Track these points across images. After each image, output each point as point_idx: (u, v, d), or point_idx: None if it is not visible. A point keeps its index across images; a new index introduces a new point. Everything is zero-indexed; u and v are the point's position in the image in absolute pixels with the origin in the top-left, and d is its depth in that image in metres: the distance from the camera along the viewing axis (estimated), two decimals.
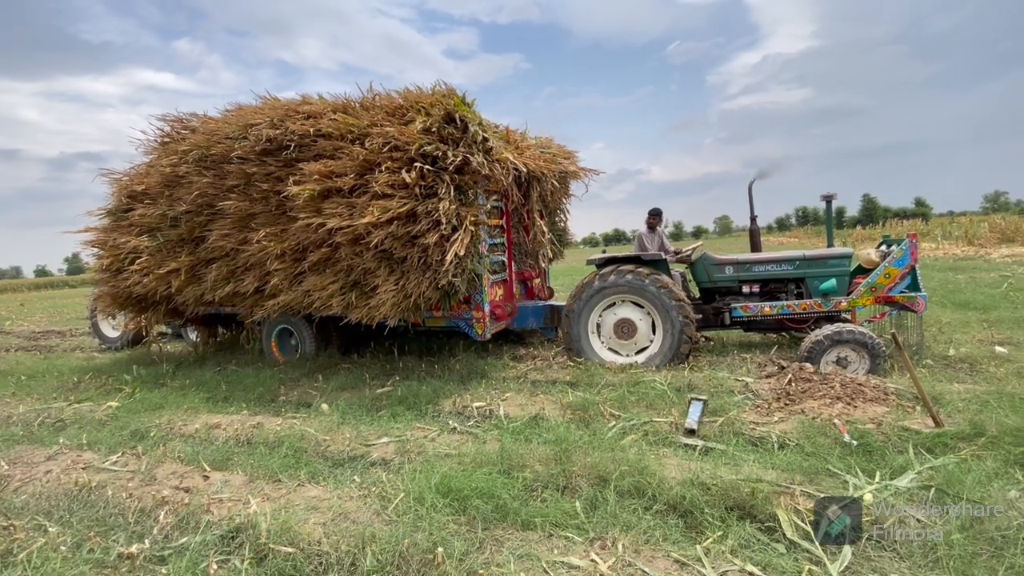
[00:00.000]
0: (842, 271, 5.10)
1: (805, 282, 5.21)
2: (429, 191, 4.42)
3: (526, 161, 5.13)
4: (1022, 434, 2.84)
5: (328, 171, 4.61)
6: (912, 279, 4.78)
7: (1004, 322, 5.91)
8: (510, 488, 2.67)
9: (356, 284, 4.78)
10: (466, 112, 4.55)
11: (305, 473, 3.11)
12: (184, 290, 5.79)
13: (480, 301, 5.01)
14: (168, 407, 4.63)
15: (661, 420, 3.56)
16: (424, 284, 4.44)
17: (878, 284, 4.79)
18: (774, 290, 5.40)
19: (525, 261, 6.24)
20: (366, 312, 4.72)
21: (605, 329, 5.15)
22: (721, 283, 5.45)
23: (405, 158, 4.45)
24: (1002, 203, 72.71)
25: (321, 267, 4.91)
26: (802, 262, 5.20)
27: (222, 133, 5.41)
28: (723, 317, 5.29)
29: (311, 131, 4.85)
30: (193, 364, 6.49)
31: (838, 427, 3.18)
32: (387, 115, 4.77)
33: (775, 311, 5.09)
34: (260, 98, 5.74)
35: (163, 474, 3.23)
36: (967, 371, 4.37)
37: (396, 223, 4.33)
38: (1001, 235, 16.92)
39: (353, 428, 3.81)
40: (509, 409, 4.02)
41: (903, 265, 4.74)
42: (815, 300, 5.00)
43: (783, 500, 2.45)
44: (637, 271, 4.97)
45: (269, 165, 5.08)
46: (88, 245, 6.51)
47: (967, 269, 11.11)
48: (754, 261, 5.35)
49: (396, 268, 4.57)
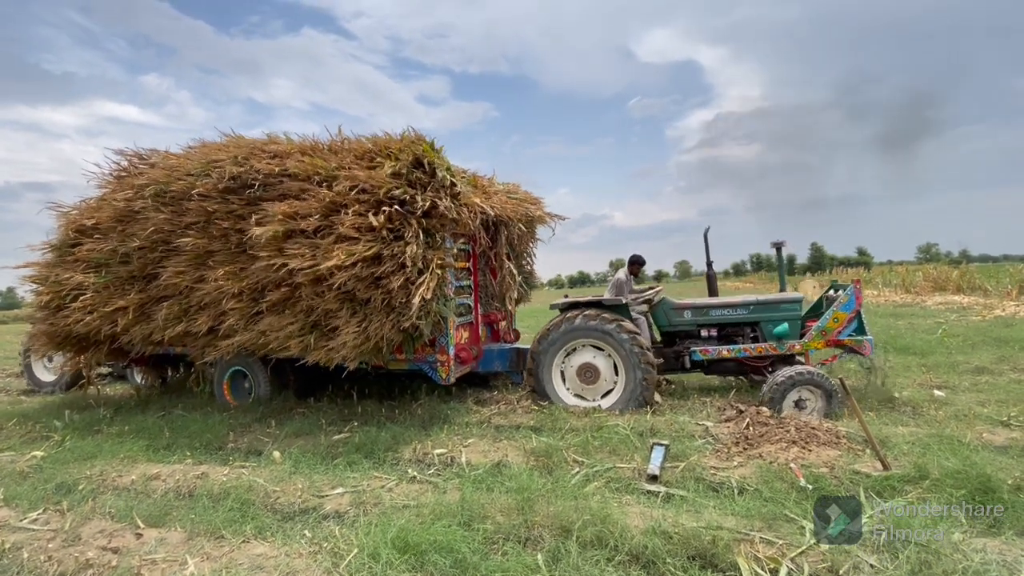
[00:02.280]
0: (794, 315, 5.31)
1: (759, 326, 5.40)
2: (396, 234, 4.42)
3: (493, 205, 5.24)
4: (962, 477, 2.97)
5: (293, 211, 4.56)
6: (858, 323, 5.03)
7: (941, 367, 6.28)
8: (470, 541, 2.57)
9: (316, 325, 4.66)
10: (434, 157, 4.63)
11: (251, 528, 2.91)
12: (131, 329, 5.50)
13: (445, 344, 4.95)
14: (102, 456, 4.28)
15: (624, 466, 3.55)
16: (387, 326, 4.37)
17: (828, 328, 5.01)
18: (731, 334, 5.56)
19: (491, 304, 6.25)
20: (325, 354, 4.58)
21: (569, 373, 5.17)
22: (680, 327, 5.60)
23: (372, 200, 4.46)
24: (933, 254, 78.57)
25: (280, 307, 4.78)
26: (756, 306, 5.40)
27: (183, 169, 5.30)
28: (683, 360, 5.40)
29: (276, 171, 4.82)
30: (134, 408, 6.07)
31: (794, 471, 3.25)
32: (355, 159, 4.80)
33: (732, 354, 5.23)
34: (224, 136, 5.70)
35: (89, 533, 2.95)
36: (910, 414, 4.58)
37: (360, 265, 4.29)
38: (934, 283, 18.19)
39: (306, 478, 3.61)
40: (471, 456, 3.92)
41: (849, 310, 5.00)
42: (770, 344, 5.18)
43: (743, 547, 2.45)
44: (602, 316, 5.06)
45: (231, 203, 4.99)
46: (27, 280, 6.12)
47: (906, 315, 11.84)
48: (711, 306, 5.53)
49: (359, 310, 4.49)
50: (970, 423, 4.14)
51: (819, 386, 4.49)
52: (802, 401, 4.50)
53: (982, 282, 16.40)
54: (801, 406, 4.50)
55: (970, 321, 10.17)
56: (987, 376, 5.80)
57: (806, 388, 4.52)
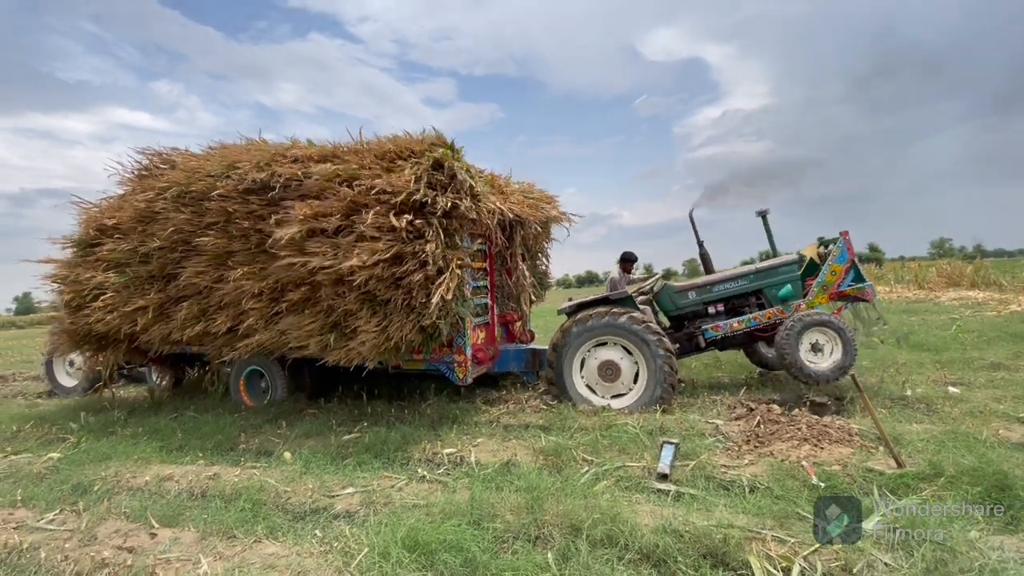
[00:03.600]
0: (793, 276, 5.40)
1: (763, 293, 5.48)
2: (417, 234, 4.43)
3: (511, 206, 5.24)
4: (978, 474, 2.92)
5: (314, 212, 4.59)
6: (855, 272, 5.12)
7: (955, 363, 6.18)
8: (480, 540, 2.58)
9: (336, 325, 4.68)
10: (455, 159, 4.63)
11: (263, 528, 2.93)
12: (150, 329, 5.56)
13: (462, 344, 4.95)
14: (116, 458, 4.33)
15: (634, 464, 3.53)
16: (407, 326, 4.38)
17: (827, 282, 5.13)
18: (737, 306, 5.62)
19: (507, 304, 6.25)
20: (345, 354, 4.60)
21: (589, 372, 5.13)
22: (687, 309, 5.66)
23: (394, 201, 4.47)
24: (947, 249, 77.50)
25: (300, 307, 4.81)
26: (756, 275, 5.49)
27: (204, 171, 5.34)
28: (697, 341, 5.44)
29: (300, 175, 4.84)
30: (147, 410, 6.14)
31: (806, 469, 3.22)
32: (376, 158, 4.81)
33: (743, 325, 5.29)
34: (246, 139, 5.74)
35: (105, 532, 2.99)
36: (924, 411, 4.52)
37: (382, 265, 4.30)
38: (948, 279, 17.91)
39: (317, 478, 3.64)
40: (481, 455, 3.92)
41: (844, 260, 5.10)
42: (777, 308, 5.25)
43: (755, 546, 2.43)
44: (612, 312, 5.04)
45: (251, 203, 5.02)
46: (49, 279, 6.20)
47: (919, 311, 11.67)
48: (713, 282, 5.60)
49: (379, 310, 4.50)
50: (986, 420, 4.07)
51: (832, 327, 4.68)
52: (818, 344, 4.72)
53: (997, 277, 16.11)
54: (817, 348, 4.73)
55: (985, 317, 10.00)
56: (1003, 372, 5.69)
57: (818, 330, 4.71)
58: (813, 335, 4.75)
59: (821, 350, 4.75)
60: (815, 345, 4.75)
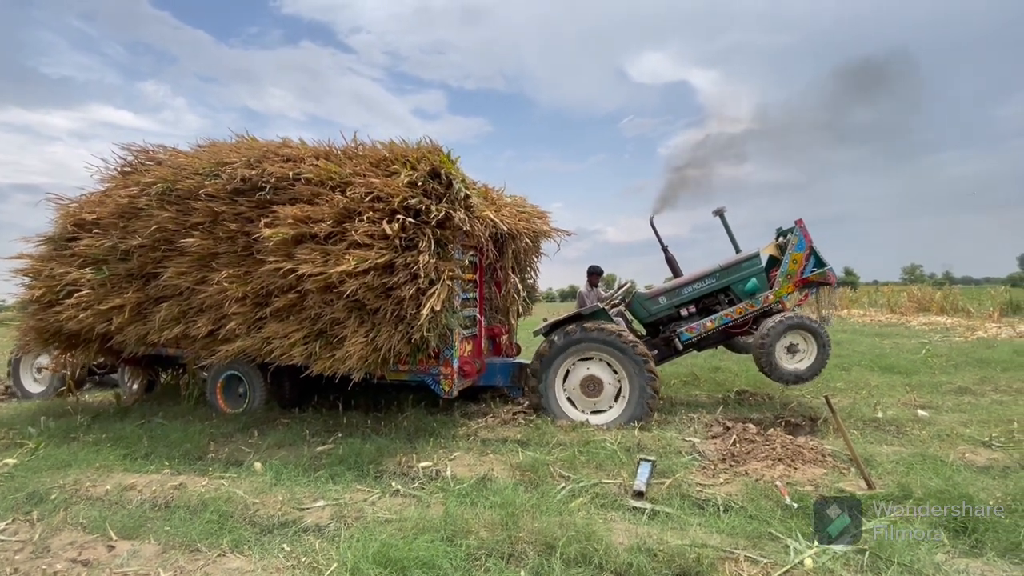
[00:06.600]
0: (758, 269, 5.53)
1: (731, 289, 5.59)
2: (409, 243, 4.39)
3: (504, 219, 5.22)
4: (945, 496, 2.99)
5: (305, 216, 4.51)
6: (815, 258, 5.28)
7: (924, 386, 6.35)
8: (452, 557, 2.53)
9: (322, 334, 4.58)
10: (451, 169, 4.61)
11: (228, 541, 2.84)
12: (126, 328, 5.37)
13: (449, 356, 4.89)
14: (76, 465, 4.16)
15: (610, 481, 3.52)
16: (396, 337, 4.32)
17: (790, 271, 5.30)
18: (708, 305, 5.72)
19: (495, 317, 6.22)
20: (330, 363, 4.50)
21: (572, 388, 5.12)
22: (660, 314, 5.75)
23: (387, 209, 4.41)
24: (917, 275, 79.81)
25: (285, 314, 4.70)
26: (721, 272, 5.62)
27: (192, 168, 5.21)
28: (674, 344, 5.50)
29: (290, 174, 4.74)
30: (113, 416, 5.92)
31: (779, 489, 3.25)
32: (371, 165, 4.75)
33: (716, 324, 5.38)
34: (236, 136, 5.64)
35: (60, 544, 2.86)
36: (894, 433, 4.61)
37: (372, 273, 4.24)
38: (918, 304, 18.48)
39: (287, 490, 3.54)
40: (457, 469, 3.87)
41: (803, 248, 5.27)
42: (746, 302, 5.36)
43: (728, 566, 2.44)
44: (583, 327, 5.05)
45: (240, 205, 4.91)
46: (19, 273, 5.97)
47: (890, 335, 11.99)
48: (681, 284, 5.72)
49: (367, 319, 4.43)
50: (952, 443, 4.18)
51: (809, 330, 4.86)
52: (794, 346, 4.86)
53: (965, 303, 16.70)
54: (793, 351, 4.91)
55: (953, 342, 10.32)
56: (969, 396, 5.87)
57: (797, 333, 4.89)
58: (790, 338, 4.94)
59: (796, 351, 4.95)
60: (791, 348, 4.95)
